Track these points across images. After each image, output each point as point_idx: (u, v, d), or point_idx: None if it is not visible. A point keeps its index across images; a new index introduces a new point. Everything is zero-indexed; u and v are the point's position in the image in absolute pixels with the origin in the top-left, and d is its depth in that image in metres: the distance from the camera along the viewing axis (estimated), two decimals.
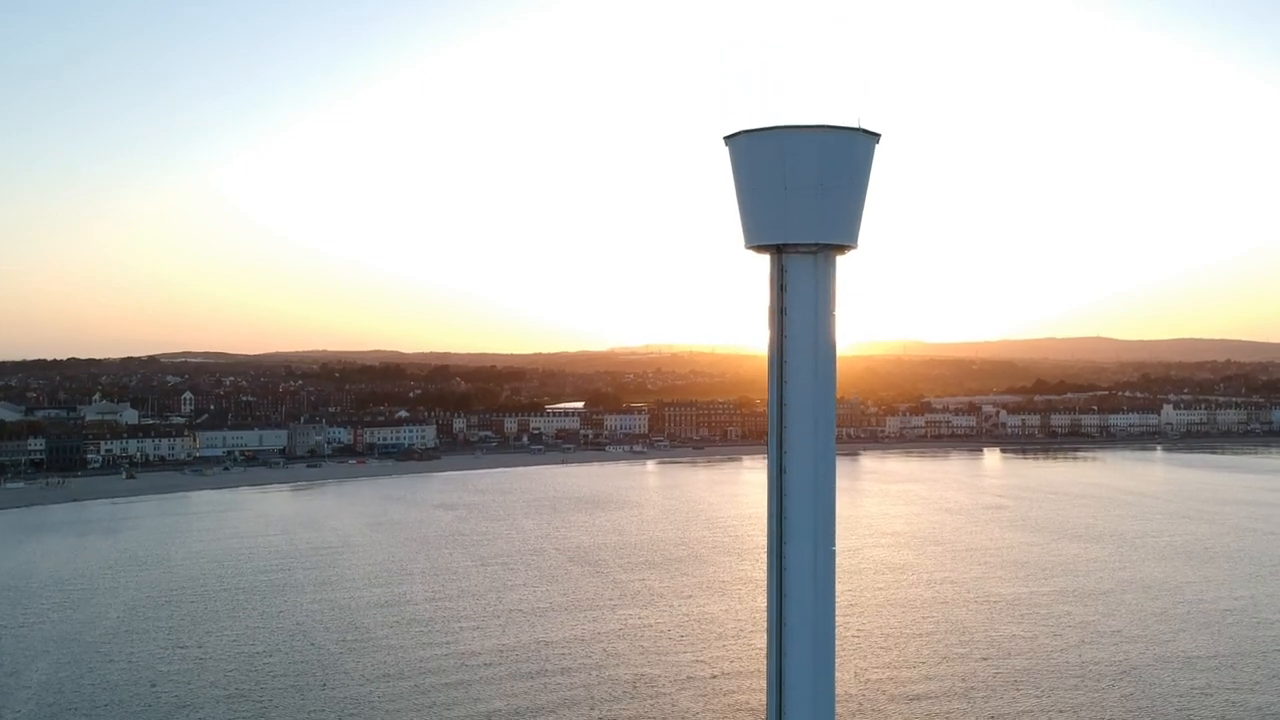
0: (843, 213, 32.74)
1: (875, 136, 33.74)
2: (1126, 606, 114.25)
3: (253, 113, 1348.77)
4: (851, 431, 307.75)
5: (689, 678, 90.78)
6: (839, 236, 32.77)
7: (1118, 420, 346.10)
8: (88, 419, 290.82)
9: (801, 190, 31.41)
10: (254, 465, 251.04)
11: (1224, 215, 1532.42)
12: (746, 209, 34.22)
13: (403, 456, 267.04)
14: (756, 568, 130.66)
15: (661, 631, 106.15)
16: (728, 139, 36.07)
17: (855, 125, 34.03)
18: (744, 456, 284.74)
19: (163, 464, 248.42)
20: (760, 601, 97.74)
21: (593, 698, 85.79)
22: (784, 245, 32.30)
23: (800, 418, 31.45)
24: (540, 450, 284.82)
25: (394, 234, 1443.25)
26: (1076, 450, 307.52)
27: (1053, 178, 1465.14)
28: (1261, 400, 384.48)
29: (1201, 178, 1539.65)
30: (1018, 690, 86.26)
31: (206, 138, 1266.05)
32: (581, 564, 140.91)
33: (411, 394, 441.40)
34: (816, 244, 31.85)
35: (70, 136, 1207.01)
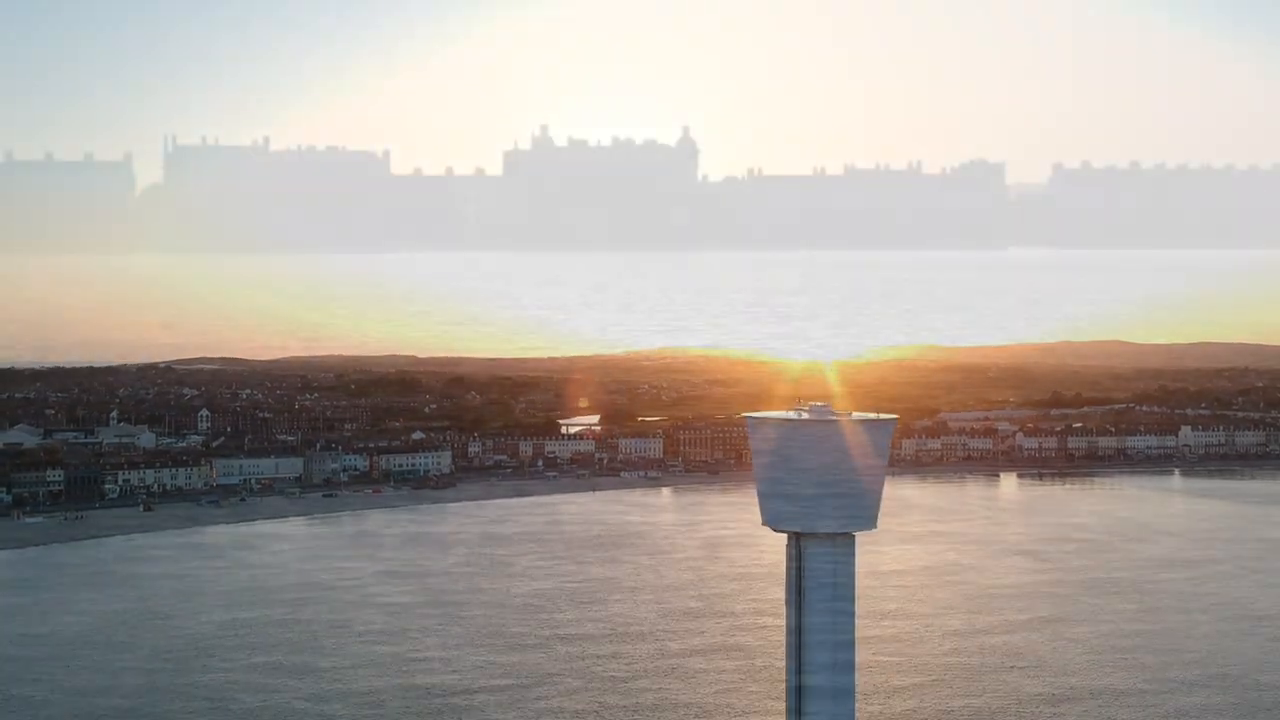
0: (862, 500, 31.65)
1: (893, 420, 32.69)
2: None
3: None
4: None
5: None
6: (858, 525, 31.75)
7: (1135, 443, 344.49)
8: (105, 443, 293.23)
9: (821, 483, 30.34)
10: (270, 495, 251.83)
11: (1236, 218, 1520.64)
12: (764, 491, 33.08)
13: (418, 484, 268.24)
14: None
15: None
16: (748, 417, 34.88)
17: (875, 414, 32.92)
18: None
19: (180, 494, 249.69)
20: None
21: None
22: (802, 533, 31.21)
23: (818, 706, 30.47)
24: (554, 477, 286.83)
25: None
26: (1093, 475, 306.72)
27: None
28: None
29: (1212, 178, 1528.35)
30: None
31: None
32: (626, 642, 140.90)
33: (427, 409, 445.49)
34: (835, 532, 30.79)
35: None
